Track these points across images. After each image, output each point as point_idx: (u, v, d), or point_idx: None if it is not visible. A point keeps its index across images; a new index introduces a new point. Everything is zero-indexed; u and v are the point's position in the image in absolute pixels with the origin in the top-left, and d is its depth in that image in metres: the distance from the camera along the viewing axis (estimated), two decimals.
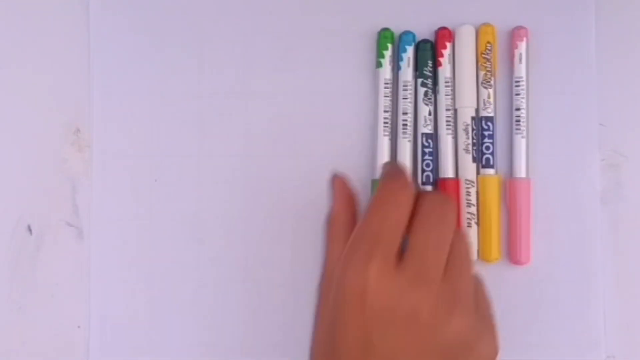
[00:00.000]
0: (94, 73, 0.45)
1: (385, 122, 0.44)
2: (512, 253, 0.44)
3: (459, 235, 0.37)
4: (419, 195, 0.37)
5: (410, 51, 0.44)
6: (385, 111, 0.44)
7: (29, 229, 0.44)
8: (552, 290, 0.44)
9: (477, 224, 0.44)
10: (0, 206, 0.44)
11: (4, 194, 0.44)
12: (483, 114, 0.44)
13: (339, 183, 0.40)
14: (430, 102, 0.44)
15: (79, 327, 0.44)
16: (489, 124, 0.44)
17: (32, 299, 0.44)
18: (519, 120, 0.44)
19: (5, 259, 0.44)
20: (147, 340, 0.44)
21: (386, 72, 0.44)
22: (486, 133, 0.44)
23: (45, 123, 0.45)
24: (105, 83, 0.45)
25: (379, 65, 0.44)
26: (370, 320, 0.34)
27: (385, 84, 0.44)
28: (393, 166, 0.39)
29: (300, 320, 0.44)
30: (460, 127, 0.44)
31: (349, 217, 0.39)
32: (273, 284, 0.44)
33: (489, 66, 0.44)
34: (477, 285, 0.38)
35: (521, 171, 0.44)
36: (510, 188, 0.44)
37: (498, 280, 0.44)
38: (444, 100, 0.44)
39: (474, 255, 0.39)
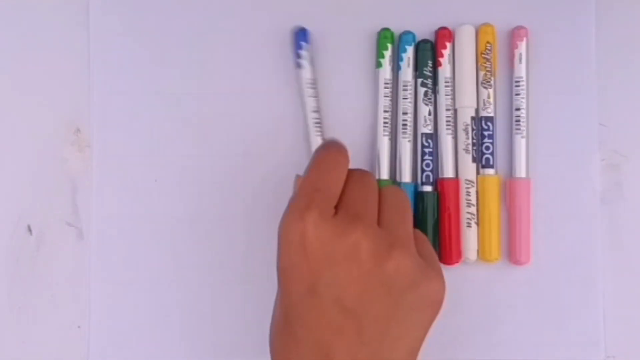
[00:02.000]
0: (94, 73, 0.45)
1: (385, 122, 0.44)
2: (512, 253, 0.44)
3: (389, 192, 0.39)
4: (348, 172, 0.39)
5: (410, 51, 0.44)
6: (385, 111, 0.44)
7: (29, 229, 0.44)
8: (552, 290, 0.44)
9: (477, 224, 0.44)
10: (0, 206, 0.44)
11: (4, 194, 0.44)
12: (483, 114, 0.44)
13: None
14: (430, 102, 0.44)
15: (79, 327, 0.44)
16: (489, 124, 0.44)
17: (32, 299, 0.44)
18: (519, 121, 0.44)
19: (5, 259, 0.44)
20: (147, 341, 0.44)
21: (386, 72, 0.44)
22: (486, 133, 0.44)
23: (45, 123, 0.45)
24: (105, 83, 0.45)
25: (378, 65, 0.44)
26: (313, 264, 0.36)
27: (385, 84, 0.44)
28: (333, 139, 0.41)
29: None
30: (460, 127, 0.44)
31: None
32: (273, 284, 0.44)
33: (489, 66, 0.44)
34: (419, 237, 0.40)
35: (521, 171, 0.44)
36: (510, 188, 0.44)
37: (498, 280, 0.44)
38: (444, 100, 0.44)
39: (410, 208, 0.40)
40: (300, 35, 0.43)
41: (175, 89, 0.45)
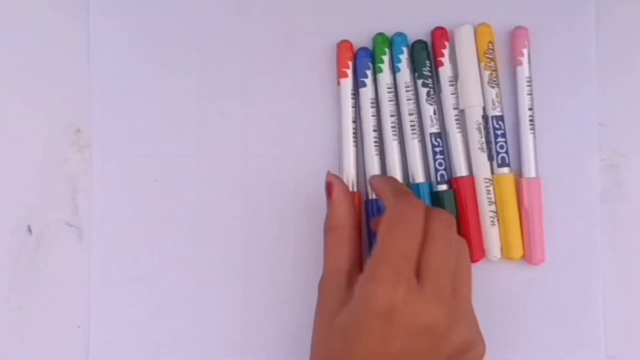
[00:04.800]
0: (94, 73, 0.45)
1: (392, 126, 0.43)
2: (529, 253, 0.44)
3: (461, 252, 0.39)
4: (426, 212, 0.38)
5: (406, 53, 0.44)
6: (392, 115, 0.44)
7: (29, 229, 0.44)
8: (552, 290, 0.44)
9: (498, 221, 0.44)
10: (0, 206, 0.44)
11: (4, 194, 0.44)
12: (493, 113, 0.44)
13: (337, 187, 0.41)
14: (434, 102, 0.44)
15: (79, 327, 0.44)
16: (500, 122, 0.44)
17: (32, 299, 0.44)
18: (532, 120, 0.44)
19: (5, 259, 0.44)
20: (147, 341, 0.44)
21: (387, 76, 0.44)
22: (499, 132, 0.44)
23: (45, 123, 0.45)
24: (105, 83, 0.45)
25: (379, 70, 0.44)
26: (394, 333, 0.36)
27: (388, 88, 0.44)
28: (395, 183, 0.41)
29: (300, 321, 0.44)
30: (473, 126, 0.43)
31: (350, 223, 0.40)
32: (273, 284, 0.44)
33: (493, 65, 0.44)
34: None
35: (531, 171, 0.44)
36: (522, 188, 0.44)
37: (497, 280, 0.44)
38: (449, 99, 0.44)
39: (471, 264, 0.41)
40: (364, 55, 0.44)
41: (175, 89, 0.45)
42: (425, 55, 0.44)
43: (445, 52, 0.44)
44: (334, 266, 0.39)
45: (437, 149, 0.43)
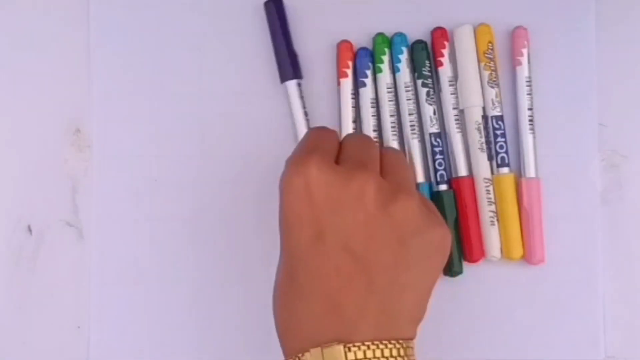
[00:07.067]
0: (94, 73, 0.45)
1: (392, 126, 0.43)
2: (528, 253, 0.44)
3: (388, 151, 0.39)
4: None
5: (406, 53, 0.44)
6: (391, 115, 0.44)
7: (29, 229, 0.44)
8: (552, 290, 0.44)
9: (498, 221, 0.44)
10: (0, 206, 0.44)
11: (4, 194, 0.44)
12: (492, 113, 0.44)
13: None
14: (434, 102, 0.44)
15: (79, 327, 0.44)
16: (500, 122, 0.44)
17: (32, 299, 0.44)
18: (532, 120, 0.44)
19: (5, 259, 0.44)
20: (147, 341, 0.44)
21: (386, 76, 0.44)
22: (498, 132, 0.44)
23: (45, 123, 0.45)
24: (105, 83, 0.45)
25: (378, 70, 0.44)
26: (318, 209, 0.35)
27: (388, 88, 0.44)
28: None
29: None
30: (473, 126, 0.43)
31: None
32: (272, 284, 0.44)
33: (493, 66, 0.44)
34: (418, 191, 0.40)
35: (531, 171, 0.44)
36: (522, 188, 0.44)
37: (496, 281, 0.44)
38: (449, 99, 0.44)
39: (409, 166, 0.42)
40: (364, 54, 0.44)
41: (175, 89, 0.45)
42: (425, 55, 0.44)
43: (445, 52, 0.44)
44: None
45: (437, 149, 0.43)
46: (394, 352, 0.34)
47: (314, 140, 0.38)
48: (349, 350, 0.34)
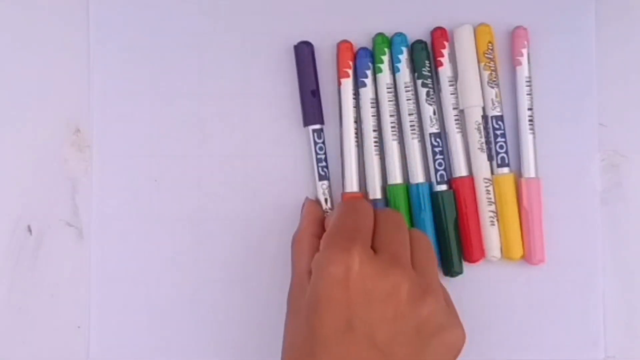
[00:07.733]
0: (94, 73, 0.45)
1: (392, 127, 0.43)
2: (529, 253, 0.44)
3: (417, 236, 0.40)
4: (375, 212, 0.40)
5: (406, 53, 0.44)
6: (391, 115, 0.43)
7: (29, 229, 0.44)
8: (552, 290, 0.44)
9: (498, 221, 0.44)
10: (0, 206, 0.44)
11: (4, 194, 0.44)
12: (492, 113, 0.44)
13: (308, 205, 0.43)
14: (434, 102, 0.44)
15: (79, 327, 0.44)
16: (500, 122, 0.44)
17: (32, 299, 0.44)
18: (532, 120, 0.44)
19: (5, 259, 0.44)
20: (147, 341, 0.44)
21: (386, 77, 0.44)
22: (498, 132, 0.44)
23: (45, 123, 0.45)
24: (105, 83, 0.45)
25: (378, 70, 0.44)
26: (353, 300, 0.36)
27: (388, 88, 0.44)
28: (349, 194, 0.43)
29: None
30: (473, 126, 0.43)
31: (315, 235, 0.41)
32: (273, 284, 0.44)
33: (493, 66, 0.44)
34: (443, 286, 0.40)
35: (531, 171, 0.44)
36: (522, 188, 0.44)
37: (496, 281, 0.44)
38: (449, 99, 0.44)
39: (435, 253, 0.42)
40: (364, 55, 0.44)
41: (175, 89, 0.45)
42: (425, 55, 0.44)
43: (445, 52, 0.44)
44: (299, 270, 0.40)
45: (437, 149, 0.43)
46: None
47: (354, 221, 0.38)
48: None
